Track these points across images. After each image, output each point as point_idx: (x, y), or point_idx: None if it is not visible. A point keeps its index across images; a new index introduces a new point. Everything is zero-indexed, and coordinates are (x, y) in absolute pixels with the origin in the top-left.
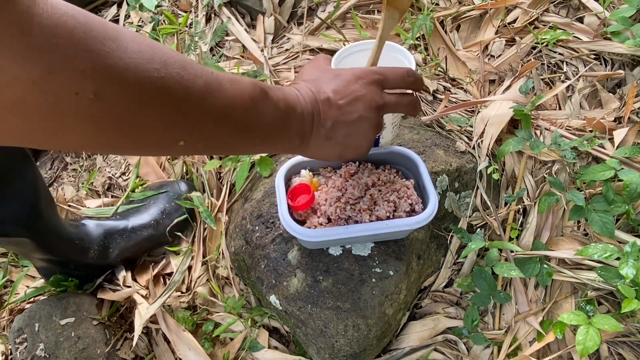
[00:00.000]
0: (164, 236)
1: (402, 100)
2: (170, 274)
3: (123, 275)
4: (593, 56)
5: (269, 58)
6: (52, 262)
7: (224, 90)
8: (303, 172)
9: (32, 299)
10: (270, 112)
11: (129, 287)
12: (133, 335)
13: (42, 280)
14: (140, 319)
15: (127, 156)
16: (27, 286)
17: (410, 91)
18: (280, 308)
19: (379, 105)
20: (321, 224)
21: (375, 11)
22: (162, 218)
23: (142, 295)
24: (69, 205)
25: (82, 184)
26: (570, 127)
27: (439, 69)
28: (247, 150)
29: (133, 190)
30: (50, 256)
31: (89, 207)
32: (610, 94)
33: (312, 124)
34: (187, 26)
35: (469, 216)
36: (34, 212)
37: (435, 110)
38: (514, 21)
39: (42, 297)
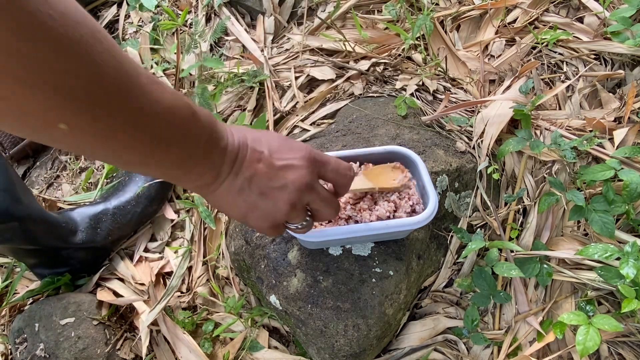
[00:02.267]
0: (148, 209)
1: (331, 201)
2: (169, 273)
3: (123, 267)
4: (593, 56)
5: (269, 58)
6: (44, 254)
7: (143, 86)
8: None
9: (29, 299)
10: (192, 132)
11: (126, 280)
12: (133, 335)
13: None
14: (145, 331)
15: None
16: (27, 286)
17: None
18: (280, 308)
19: (309, 187)
20: (321, 224)
21: (376, 11)
22: (142, 192)
23: (143, 301)
24: (64, 202)
25: (79, 183)
26: (570, 127)
27: (439, 69)
28: (152, 167)
29: (108, 175)
30: (41, 245)
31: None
32: (610, 94)
33: (233, 166)
34: (187, 26)
35: (469, 216)
36: (12, 196)
37: (435, 110)
38: (514, 21)
39: (41, 298)
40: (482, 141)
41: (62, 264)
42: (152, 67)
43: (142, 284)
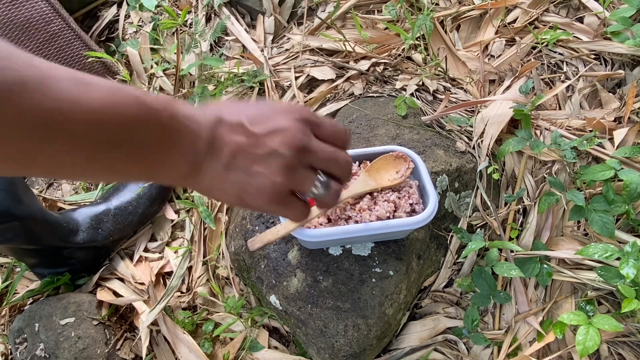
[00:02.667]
0: (149, 209)
1: (338, 156)
2: (169, 273)
3: (123, 267)
4: (593, 56)
5: (269, 58)
6: (44, 254)
7: (56, 90)
8: None
9: (29, 299)
10: (144, 125)
11: (126, 280)
12: (133, 335)
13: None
14: (144, 331)
15: None
16: (27, 286)
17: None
18: (280, 308)
19: (304, 147)
20: (321, 224)
21: (376, 11)
22: (142, 192)
23: (143, 301)
24: (64, 202)
25: (79, 183)
26: (570, 127)
27: (439, 69)
28: (112, 174)
29: None
30: (42, 245)
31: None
32: (610, 94)
33: (211, 147)
34: (187, 26)
35: (469, 216)
36: (13, 196)
37: (435, 110)
38: (514, 21)
39: (41, 298)
40: (482, 141)
41: (62, 263)
42: (152, 67)
43: (142, 284)
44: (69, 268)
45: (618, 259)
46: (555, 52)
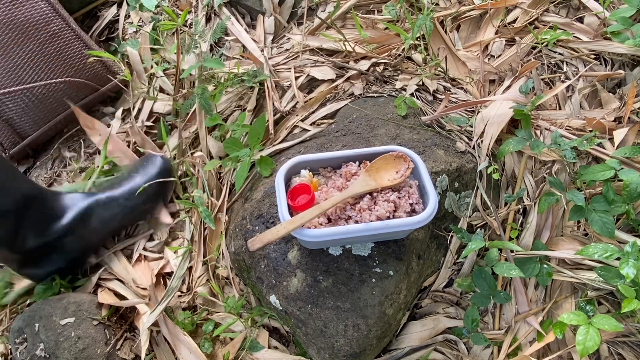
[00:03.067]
0: (140, 206)
1: None
2: (170, 274)
3: (119, 267)
4: (593, 56)
5: (269, 58)
6: (39, 252)
7: None
8: (303, 172)
9: (29, 299)
10: None
11: (126, 282)
12: (133, 335)
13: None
14: (145, 332)
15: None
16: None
17: None
18: (280, 308)
19: None
20: (321, 224)
21: (376, 11)
22: (135, 186)
23: (144, 303)
24: None
25: (79, 182)
26: (570, 127)
27: (439, 69)
28: None
29: (103, 170)
30: (24, 248)
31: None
32: (610, 94)
33: None
34: (187, 26)
35: (469, 216)
36: None
37: (435, 110)
38: (514, 21)
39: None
40: (482, 141)
41: (46, 261)
42: (152, 67)
43: (144, 289)
44: (55, 267)
45: (618, 259)
46: (555, 52)
